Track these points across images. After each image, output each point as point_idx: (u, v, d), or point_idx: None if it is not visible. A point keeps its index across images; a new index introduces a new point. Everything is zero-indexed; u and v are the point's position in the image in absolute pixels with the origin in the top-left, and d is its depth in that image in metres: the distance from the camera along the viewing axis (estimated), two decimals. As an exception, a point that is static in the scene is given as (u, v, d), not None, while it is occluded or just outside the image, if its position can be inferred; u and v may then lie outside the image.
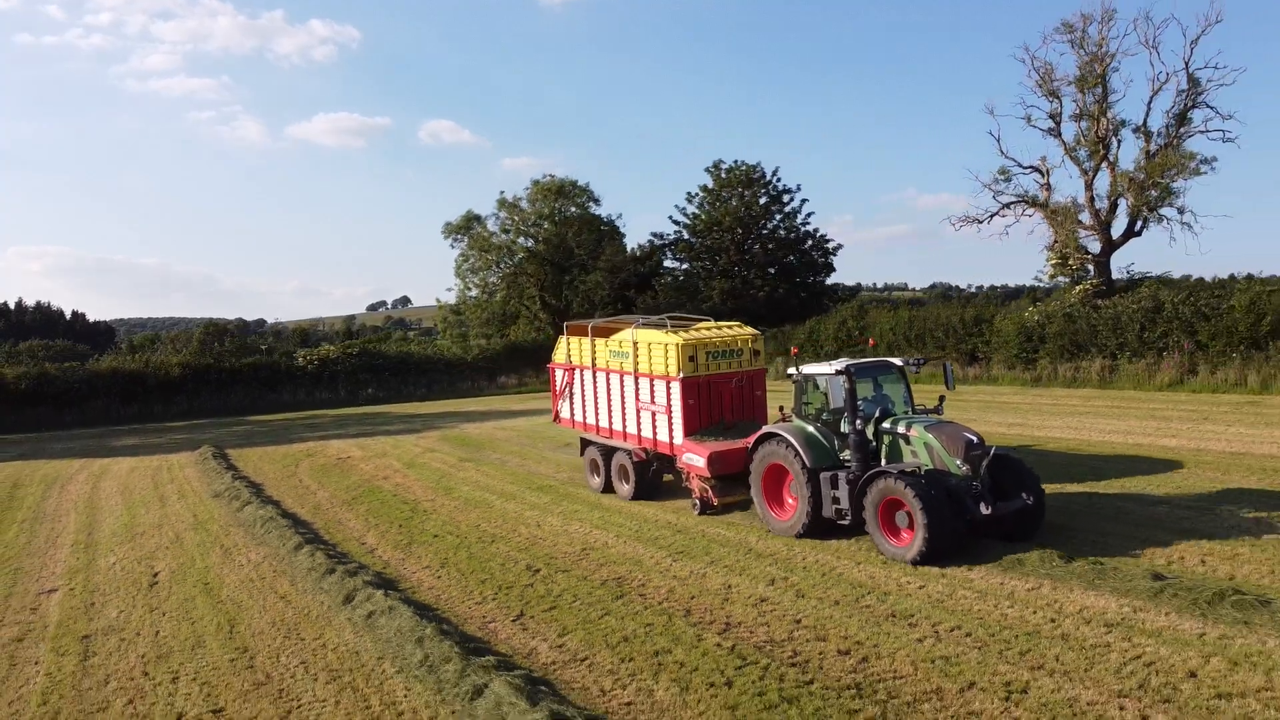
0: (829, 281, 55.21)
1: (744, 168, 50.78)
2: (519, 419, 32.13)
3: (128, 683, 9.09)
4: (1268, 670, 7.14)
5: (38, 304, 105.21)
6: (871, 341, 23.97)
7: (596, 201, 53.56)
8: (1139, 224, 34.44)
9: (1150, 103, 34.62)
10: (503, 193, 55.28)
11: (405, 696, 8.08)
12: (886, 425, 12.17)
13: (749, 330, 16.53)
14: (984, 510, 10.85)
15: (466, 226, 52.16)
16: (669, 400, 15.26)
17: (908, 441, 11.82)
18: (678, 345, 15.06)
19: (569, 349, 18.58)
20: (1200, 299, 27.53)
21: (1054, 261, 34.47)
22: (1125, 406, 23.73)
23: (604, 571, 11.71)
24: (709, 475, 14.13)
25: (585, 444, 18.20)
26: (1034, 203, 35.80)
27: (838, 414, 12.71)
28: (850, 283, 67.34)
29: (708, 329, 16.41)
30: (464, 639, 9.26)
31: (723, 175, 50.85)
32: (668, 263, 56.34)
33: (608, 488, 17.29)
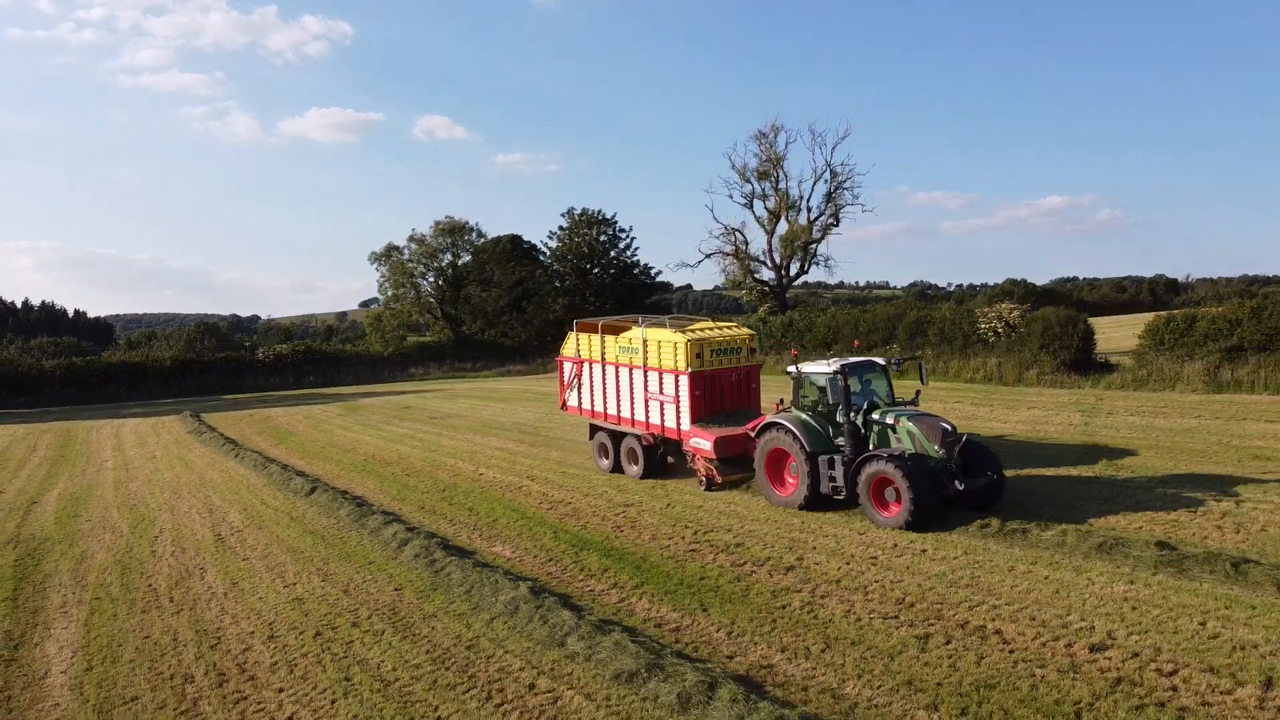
0: (671, 292, 69.82)
1: (589, 213, 64.68)
2: (400, 397, 44.96)
3: (146, 474, 22.35)
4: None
5: (43, 303, 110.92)
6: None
7: (483, 236, 67.36)
8: (806, 266, 49.30)
9: (813, 187, 49.86)
10: (414, 229, 69.18)
11: (251, 482, 21.40)
12: (875, 416, 12.94)
13: (746, 331, 17.09)
14: (958, 486, 11.88)
15: (387, 255, 65.63)
16: (677, 391, 15.75)
17: (894, 430, 12.68)
18: (686, 343, 15.55)
19: (578, 344, 18.71)
20: (808, 319, 41.55)
21: (745, 291, 49.21)
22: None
23: (358, 448, 25.25)
24: (714, 457, 14.91)
25: (594, 429, 18.54)
26: (730, 253, 50.42)
27: (831, 406, 13.45)
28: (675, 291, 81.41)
29: (708, 328, 16.91)
30: (283, 466, 22.63)
31: (576, 218, 64.71)
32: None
33: (616, 468, 17.56)
